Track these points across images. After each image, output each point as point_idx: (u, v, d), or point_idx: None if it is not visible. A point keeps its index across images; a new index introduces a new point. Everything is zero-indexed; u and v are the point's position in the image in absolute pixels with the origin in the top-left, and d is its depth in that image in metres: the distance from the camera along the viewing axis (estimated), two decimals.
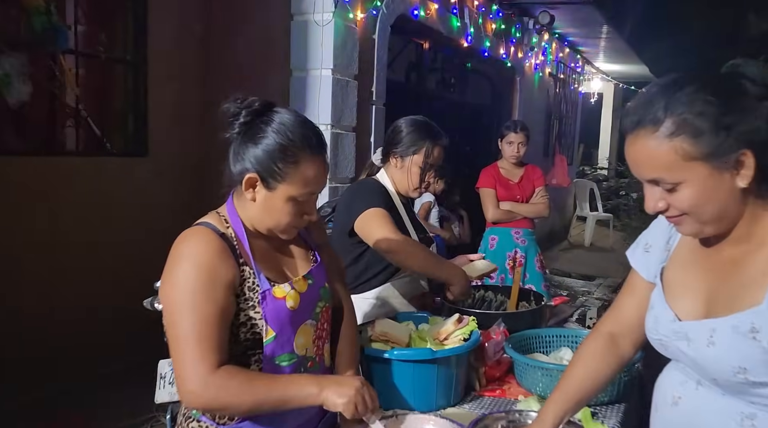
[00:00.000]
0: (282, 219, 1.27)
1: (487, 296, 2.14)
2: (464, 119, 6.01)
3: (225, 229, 1.27)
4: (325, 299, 1.40)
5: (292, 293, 1.28)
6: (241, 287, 1.24)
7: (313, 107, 3.51)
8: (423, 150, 1.97)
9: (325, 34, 3.41)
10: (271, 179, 1.22)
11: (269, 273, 1.29)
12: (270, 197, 1.24)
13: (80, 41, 3.21)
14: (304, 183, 1.23)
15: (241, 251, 1.26)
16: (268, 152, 1.21)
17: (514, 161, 3.75)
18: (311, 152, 1.23)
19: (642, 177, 1.04)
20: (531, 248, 3.80)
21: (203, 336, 1.15)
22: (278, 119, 1.23)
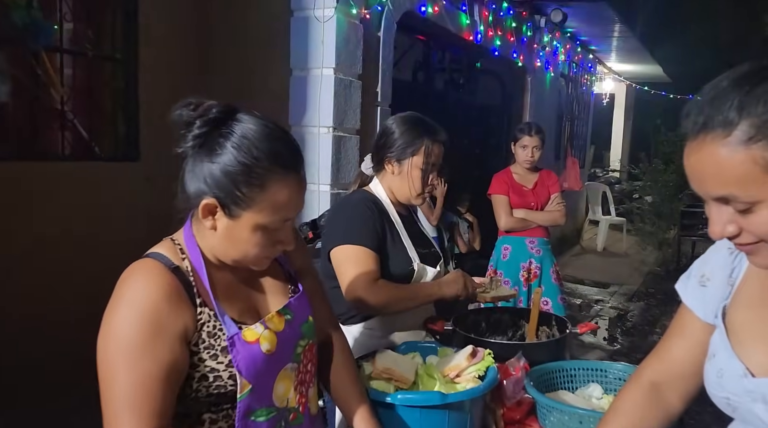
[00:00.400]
0: (249, 251, 1.05)
1: (503, 320, 1.92)
2: (473, 120, 5.79)
3: (180, 261, 1.05)
4: (308, 336, 1.17)
5: (267, 334, 1.06)
6: (199, 334, 1.02)
7: (314, 108, 3.30)
8: (422, 149, 1.73)
9: (326, 30, 3.20)
10: (234, 205, 1.01)
11: (236, 313, 1.08)
12: (233, 226, 1.03)
13: (65, 38, 3.02)
14: (274, 209, 1.02)
15: (199, 288, 1.04)
16: (228, 173, 0.99)
17: (528, 166, 3.53)
18: (282, 171, 1.02)
19: (707, 194, 0.83)
20: (546, 259, 3.57)
21: (138, 402, 0.94)
22: (240, 131, 1.01)
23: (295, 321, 1.15)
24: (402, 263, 1.72)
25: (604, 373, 1.61)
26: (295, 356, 1.14)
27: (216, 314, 1.04)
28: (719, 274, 1.01)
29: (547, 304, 3.53)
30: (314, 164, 3.31)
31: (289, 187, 1.02)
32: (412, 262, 1.73)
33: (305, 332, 1.17)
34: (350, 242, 1.65)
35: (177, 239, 1.09)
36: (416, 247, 1.79)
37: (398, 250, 1.73)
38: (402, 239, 1.75)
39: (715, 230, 0.84)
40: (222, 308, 1.05)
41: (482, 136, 6.00)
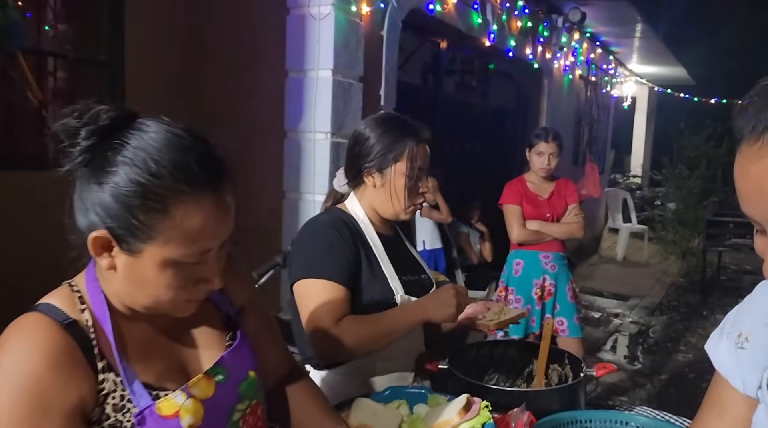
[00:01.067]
0: (161, 295, 0.82)
1: (509, 355, 1.66)
2: (486, 124, 5.53)
3: (78, 313, 0.83)
4: (250, 397, 0.94)
5: (190, 405, 0.84)
6: (102, 408, 0.80)
7: (311, 112, 3.08)
8: (405, 153, 1.46)
9: (323, 29, 2.98)
10: (131, 237, 0.79)
11: (155, 375, 0.85)
12: (135, 264, 0.81)
13: (44, 39, 2.84)
14: (185, 240, 0.80)
15: (102, 347, 0.82)
16: (119, 196, 0.78)
17: (543, 174, 3.27)
18: (190, 190, 0.79)
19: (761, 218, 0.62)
20: (562, 275, 3.30)
21: None
22: (136, 142, 0.79)
23: (230, 381, 0.92)
24: (382, 296, 1.45)
25: (625, 426, 1.35)
26: (231, 424, 0.91)
27: (123, 381, 0.82)
28: (762, 333, 0.81)
29: (562, 324, 3.26)
30: (310, 172, 3.09)
31: (202, 209, 0.80)
32: (395, 294, 1.46)
33: (245, 392, 0.94)
34: (313, 275, 1.38)
35: (77, 284, 0.87)
36: (401, 274, 1.51)
37: (377, 280, 1.46)
38: (382, 266, 1.48)
39: None
40: (132, 372, 0.83)
41: (496, 141, 5.74)
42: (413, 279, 1.54)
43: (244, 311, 1.03)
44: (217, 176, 0.83)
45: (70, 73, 2.97)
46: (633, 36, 7.33)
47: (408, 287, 1.50)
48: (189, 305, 0.88)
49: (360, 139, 1.49)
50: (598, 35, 7.35)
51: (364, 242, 1.48)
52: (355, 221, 1.51)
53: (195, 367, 0.92)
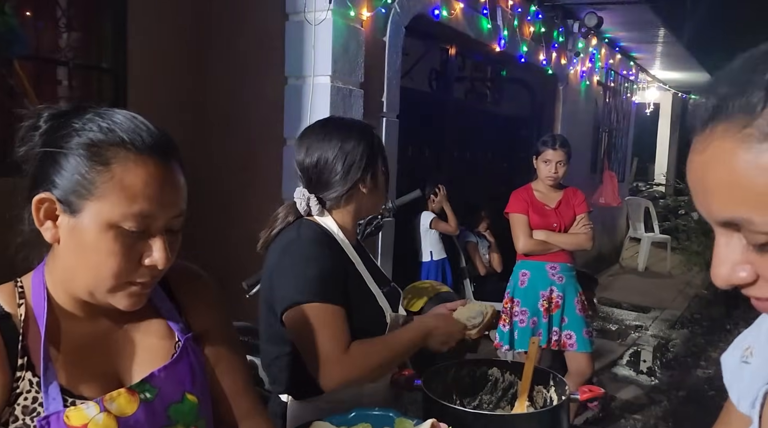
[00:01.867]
0: (102, 265, 0.79)
1: (492, 375, 1.57)
2: (499, 132, 5.42)
3: (14, 307, 0.81)
4: (185, 423, 0.86)
5: (102, 420, 0.78)
6: (11, 409, 0.76)
7: (309, 120, 3.02)
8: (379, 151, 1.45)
9: (319, 35, 2.93)
10: (73, 196, 0.80)
11: (77, 381, 0.81)
12: (77, 227, 0.80)
13: (45, 46, 2.84)
14: (127, 198, 0.79)
15: (31, 344, 0.79)
16: (67, 157, 0.80)
17: (551, 182, 3.17)
18: (135, 150, 0.80)
19: (711, 216, 0.54)
20: (570, 287, 3.19)
21: None
22: (89, 115, 0.83)
23: (159, 402, 0.85)
24: (373, 316, 1.37)
25: None
26: None
27: (40, 381, 0.78)
28: (765, 347, 0.76)
29: (570, 338, 3.15)
30: None
31: (144, 169, 0.80)
32: (385, 313, 1.39)
33: (177, 417, 0.86)
34: (313, 299, 1.27)
35: (23, 280, 0.86)
36: (383, 287, 1.45)
37: (367, 299, 1.38)
38: (368, 284, 1.39)
39: (719, 273, 0.55)
40: (53, 374, 0.79)
41: (509, 149, 5.62)
42: (385, 291, 1.46)
43: (204, 340, 0.97)
44: (166, 149, 0.84)
45: (71, 81, 2.97)
46: (655, 41, 7.14)
47: (388, 299, 1.44)
48: (133, 290, 0.83)
49: (340, 155, 1.37)
50: (618, 40, 7.18)
51: (346, 259, 1.40)
52: (331, 236, 1.41)
53: (126, 380, 0.87)
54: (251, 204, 3.29)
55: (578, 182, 3.66)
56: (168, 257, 0.83)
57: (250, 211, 3.30)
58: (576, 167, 3.27)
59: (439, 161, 4.64)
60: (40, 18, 2.81)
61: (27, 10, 2.74)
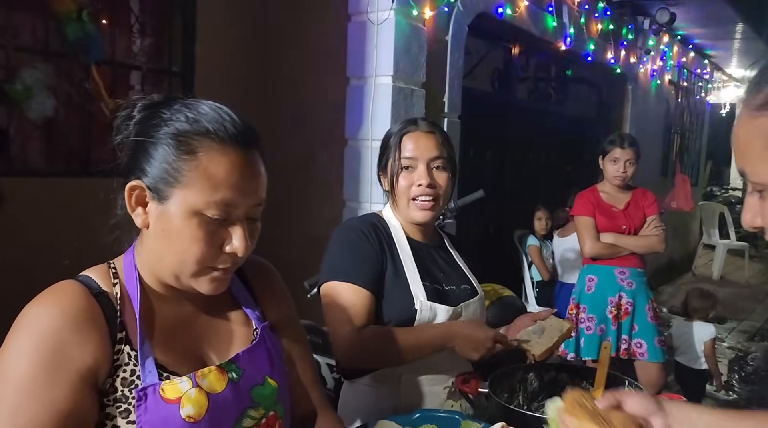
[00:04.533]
0: (187, 249, 0.82)
1: (560, 380, 1.50)
2: (563, 133, 5.26)
3: (109, 286, 0.85)
4: (266, 406, 0.89)
5: (194, 395, 0.81)
6: (112, 380, 0.80)
7: (370, 120, 3.02)
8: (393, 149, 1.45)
9: (381, 34, 2.92)
10: (161, 183, 0.84)
11: (170, 358, 0.84)
12: (165, 213, 0.84)
13: (119, 51, 2.96)
14: (211, 186, 0.82)
15: (127, 320, 0.83)
16: (155, 145, 0.84)
17: (619, 182, 3.04)
18: (219, 139, 0.84)
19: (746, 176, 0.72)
20: (640, 293, 3.04)
21: None
22: (179, 106, 0.87)
23: (244, 383, 0.88)
24: (402, 303, 1.38)
25: None
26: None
27: (138, 356, 0.82)
28: None
29: (641, 347, 3.00)
30: (367, 180, 3.03)
31: (227, 158, 0.84)
32: (415, 299, 1.38)
33: (259, 399, 0.89)
34: (338, 278, 1.36)
35: (115, 262, 0.91)
36: (430, 281, 1.43)
37: (400, 284, 1.39)
38: (406, 271, 1.40)
39: (745, 218, 0.74)
40: (149, 349, 0.83)
41: (574, 151, 5.44)
42: (449, 289, 1.45)
43: (277, 331, 1.01)
44: (248, 139, 0.87)
45: (144, 85, 3.09)
46: (732, 38, 6.77)
47: (437, 294, 1.42)
48: (215, 276, 0.87)
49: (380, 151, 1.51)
50: (691, 37, 6.85)
51: (391, 247, 1.44)
52: (384, 226, 1.47)
53: (212, 359, 0.90)
54: (312, 205, 3.32)
55: (648, 185, 3.49)
56: (248, 245, 0.86)
57: (310, 211, 3.33)
58: (645, 170, 3.13)
59: (502, 163, 4.54)
60: (115, 24, 2.94)
61: (103, 17, 2.86)
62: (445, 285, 1.47)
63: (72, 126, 2.81)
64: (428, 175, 1.42)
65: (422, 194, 1.42)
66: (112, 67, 2.93)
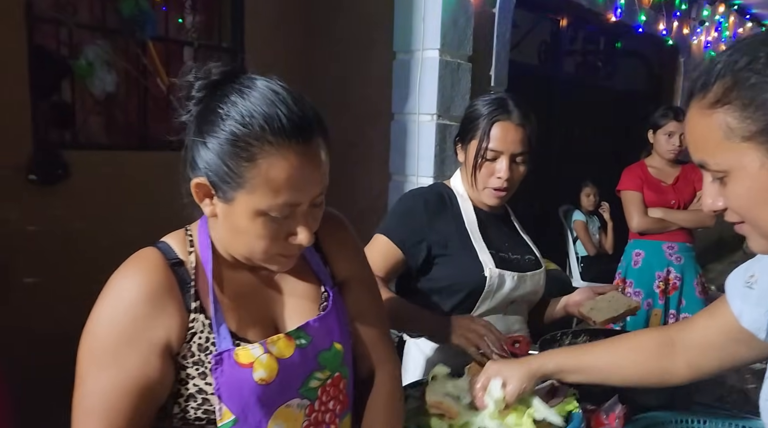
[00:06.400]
0: (254, 244, 0.86)
1: None
2: (611, 108, 5.15)
3: (186, 254, 0.89)
4: (332, 368, 0.94)
5: (266, 360, 0.86)
6: (189, 345, 0.85)
7: (417, 94, 3.04)
8: (478, 132, 1.45)
9: (429, 7, 2.92)
10: (224, 185, 0.84)
11: (241, 324, 0.89)
12: (230, 212, 0.86)
13: (172, 28, 3.06)
14: (272, 190, 0.82)
15: (201, 289, 0.88)
16: (215, 146, 0.83)
17: (672, 156, 2.99)
18: (276, 141, 0.81)
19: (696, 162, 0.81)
20: (689, 268, 3.01)
21: (102, 414, 0.82)
22: (235, 97, 0.83)
23: (311, 348, 0.92)
24: (471, 269, 1.45)
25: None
26: (307, 390, 0.92)
27: (212, 324, 0.87)
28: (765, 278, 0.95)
29: None
30: (416, 154, 3.06)
31: (287, 161, 0.82)
32: (483, 267, 1.44)
33: (325, 362, 0.94)
34: (381, 231, 1.48)
35: (191, 229, 0.95)
36: (496, 250, 1.49)
37: (467, 252, 1.46)
38: (473, 240, 1.46)
39: (706, 202, 0.81)
40: (221, 317, 0.88)
41: (622, 126, 5.33)
42: (514, 258, 1.51)
43: (347, 286, 1.04)
44: (305, 131, 0.84)
45: (195, 61, 3.17)
46: None
47: (503, 262, 1.48)
48: (282, 260, 0.91)
49: (466, 111, 1.54)
50: (749, 6, 6.55)
51: (458, 216, 1.48)
52: (450, 196, 1.52)
53: (281, 326, 0.95)
54: (358, 178, 3.37)
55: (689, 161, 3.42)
56: (311, 236, 0.88)
57: (357, 185, 3.39)
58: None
59: (549, 137, 4.50)
60: (168, 1, 3.02)
61: None
62: (511, 254, 1.52)
63: (130, 101, 2.93)
64: (509, 169, 1.43)
65: (499, 186, 1.45)
66: (166, 43, 3.02)
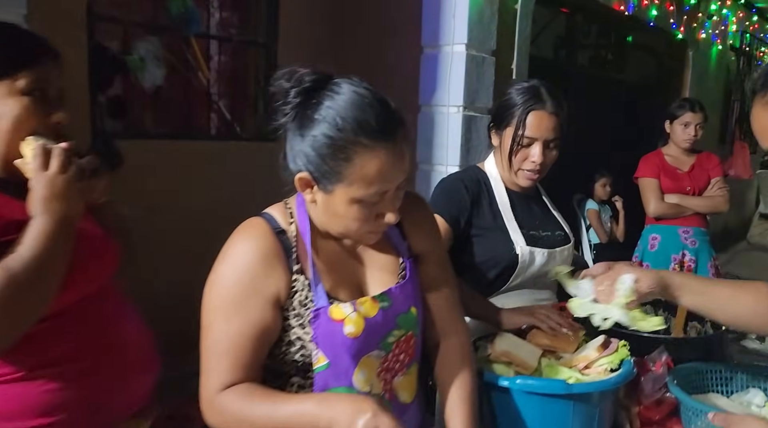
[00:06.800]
0: (349, 225, 1.02)
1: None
2: (622, 99, 5.31)
3: (287, 225, 1.05)
4: (406, 328, 1.10)
5: (354, 318, 1.02)
6: (291, 301, 1.02)
7: (445, 87, 3.20)
8: (515, 119, 1.55)
9: (458, 4, 3.08)
10: (324, 179, 0.99)
11: (334, 285, 1.05)
12: (329, 200, 1.01)
13: (213, 24, 3.22)
14: (366, 182, 0.97)
15: (300, 254, 1.04)
16: (315, 147, 0.97)
17: (687, 145, 3.15)
18: (368, 142, 0.95)
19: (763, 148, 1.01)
20: (703, 251, 3.18)
21: (231, 355, 0.99)
22: (328, 102, 0.96)
23: (392, 311, 1.09)
24: (504, 247, 1.57)
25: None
26: (384, 344, 1.08)
27: (310, 284, 1.03)
28: None
29: None
30: (443, 144, 3.22)
31: (378, 158, 0.95)
32: (515, 246, 1.57)
33: (402, 323, 1.10)
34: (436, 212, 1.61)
35: (290, 203, 1.10)
36: (527, 229, 1.62)
37: (499, 230, 1.59)
38: (505, 220, 1.59)
39: None
40: (318, 278, 1.04)
41: (632, 117, 5.49)
42: (544, 235, 1.64)
43: (422, 260, 1.18)
44: (392, 130, 0.98)
45: (233, 55, 3.35)
46: None
47: (533, 239, 1.61)
48: (371, 236, 1.08)
49: (500, 98, 1.63)
50: (755, 1, 6.70)
51: (491, 197, 1.62)
52: (484, 179, 1.65)
53: (366, 290, 1.11)
54: None
55: None
56: (397, 215, 1.03)
57: None
58: (703, 136, 3.21)
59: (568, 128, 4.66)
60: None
61: None
62: (541, 231, 1.66)
63: (175, 93, 3.10)
64: (542, 154, 1.56)
65: (532, 169, 1.59)
66: (207, 39, 3.18)
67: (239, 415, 0.97)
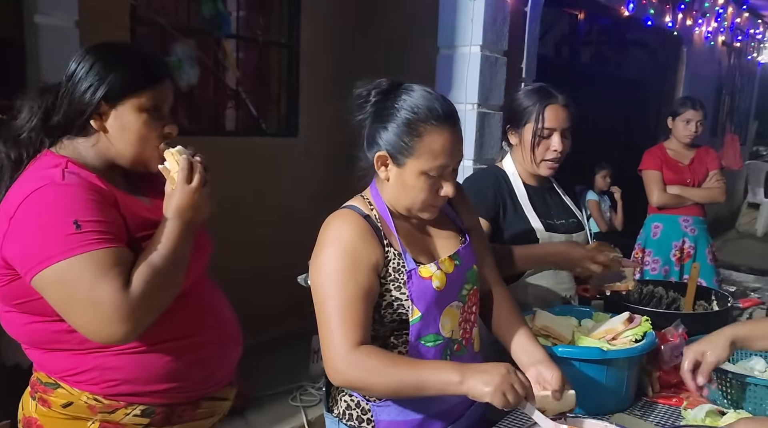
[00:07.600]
0: (416, 196, 1.25)
1: (657, 292, 1.92)
2: (620, 94, 5.53)
3: (369, 211, 1.28)
4: (472, 282, 1.36)
5: (438, 274, 1.26)
6: (386, 268, 1.24)
7: (460, 86, 3.39)
8: (533, 116, 1.72)
9: (476, 8, 3.27)
10: (399, 155, 1.23)
11: (415, 253, 1.29)
12: (401, 173, 1.24)
13: (240, 26, 3.38)
14: (433, 156, 1.21)
15: (386, 232, 1.27)
16: (394, 129, 1.22)
17: (689, 140, 3.39)
18: (437, 123, 1.21)
19: None
20: (701, 238, 3.42)
21: (346, 316, 1.17)
22: (405, 96, 1.23)
23: (462, 267, 1.33)
24: (526, 235, 1.77)
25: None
26: (461, 296, 1.32)
27: (400, 253, 1.26)
28: None
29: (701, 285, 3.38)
30: None
31: (443, 136, 1.21)
32: (536, 233, 1.77)
33: (470, 278, 1.35)
34: None
35: (366, 195, 1.33)
36: (544, 217, 1.81)
37: (520, 219, 1.78)
38: (524, 210, 1.80)
39: None
40: (404, 248, 1.27)
41: (629, 112, 5.72)
42: (559, 223, 1.84)
43: (470, 232, 1.43)
44: (452, 116, 1.25)
45: (259, 55, 3.52)
46: None
47: (551, 227, 1.81)
48: (433, 210, 1.31)
49: (510, 102, 1.82)
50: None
51: (511, 191, 1.82)
52: (504, 175, 1.85)
53: (438, 253, 1.34)
54: None
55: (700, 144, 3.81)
56: (454, 189, 1.28)
57: None
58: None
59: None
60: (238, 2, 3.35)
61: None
62: (556, 220, 1.86)
63: (207, 92, 3.27)
64: (561, 143, 1.76)
65: (554, 158, 1.78)
66: (236, 40, 3.35)
67: (376, 370, 1.14)
